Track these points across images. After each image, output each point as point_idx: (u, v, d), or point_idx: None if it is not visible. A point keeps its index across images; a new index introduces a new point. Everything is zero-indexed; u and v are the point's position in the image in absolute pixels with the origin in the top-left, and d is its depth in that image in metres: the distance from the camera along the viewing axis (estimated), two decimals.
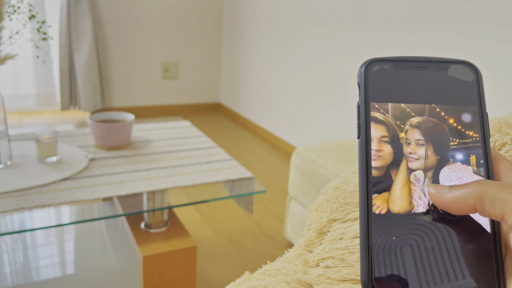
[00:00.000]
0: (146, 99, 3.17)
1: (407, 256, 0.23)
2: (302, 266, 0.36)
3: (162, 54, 3.12)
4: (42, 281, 1.25)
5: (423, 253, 0.23)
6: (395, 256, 0.23)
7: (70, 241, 1.49)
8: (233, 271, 1.43)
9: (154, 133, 1.37)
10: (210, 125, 3.04)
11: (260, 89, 2.85)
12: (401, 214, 0.24)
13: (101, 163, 1.11)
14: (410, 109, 0.26)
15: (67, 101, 2.86)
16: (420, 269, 0.22)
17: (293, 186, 1.49)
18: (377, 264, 0.22)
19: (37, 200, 0.90)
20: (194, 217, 1.75)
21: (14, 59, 1.05)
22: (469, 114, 0.25)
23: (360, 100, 0.26)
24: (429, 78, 0.26)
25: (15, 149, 1.14)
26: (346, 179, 0.41)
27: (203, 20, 3.19)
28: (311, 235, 0.38)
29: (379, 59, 0.27)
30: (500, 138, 0.33)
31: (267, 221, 1.76)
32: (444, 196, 0.23)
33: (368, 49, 1.93)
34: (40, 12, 2.68)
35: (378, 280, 0.22)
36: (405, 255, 0.23)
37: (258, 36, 2.81)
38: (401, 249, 0.23)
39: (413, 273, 0.22)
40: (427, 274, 0.22)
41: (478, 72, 0.26)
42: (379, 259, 0.23)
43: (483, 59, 1.45)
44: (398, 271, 0.22)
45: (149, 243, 1.06)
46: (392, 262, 0.22)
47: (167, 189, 1.02)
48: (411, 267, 0.22)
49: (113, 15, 2.90)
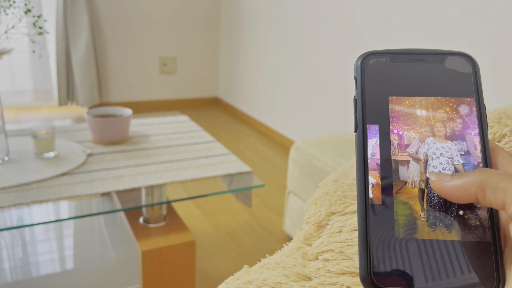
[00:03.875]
0: (143, 94, 3.16)
1: (406, 250, 0.22)
2: (301, 259, 0.36)
3: (160, 48, 3.11)
4: (41, 277, 1.25)
5: (422, 247, 0.22)
6: (394, 250, 0.22)
7: (69, 236, 1.49)
8: (232, 265, 1.43)
9: (152, 128, 1.36)
10: (208, 120, 3.03)
11: (259, 83, 2.84)
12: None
13: (99, 158, 1.10)
14: (408, 102, 0.26)
15: (64, 96, 2.84)
16: (419, 264, 0.22)
17: (291, 180, 1.49)
18: (375, 258, 0.22)
19: (35, 196, 0.90)
20: (193, 211, 1.75)
21: (10, 54, 1.05)
22: (466, 106, 0.25)
23: (357, 94, 0.26)
24: (426, 70, 0.26)
25: (13, 144, 1.14)
26: (345, 172, 0.40)
27: (200, 14, 3.18)
28: (310, 229, 0.38)
29: (375, 52, 0.27)
30: (499, 129, 0.33)
31: (266, 215, 1.76)
32: (445, 183, 0.23)
33: (366, 42, 1.92)
34: (36, 6, 2.66)
35: (376, 274, 0.22)
36: (403, 249, 0.23)
37: (256, 30, 2.80)
38: (399, 243, 0.23)
39: (412, 268, 0.22)
40: (426, 268, 0.22)
41: (475, 64, 0.26)
42: (378, 254, 0.22)
43: (481, 51, 1.45)
44: (396, 265, 0.22)
45: (148, 238, 1.06)
46: (390, 257, 0.22)
47: (165, 184, 1.01)
48: (410, 261, 0.22)
49: (110, 10, 2.88)
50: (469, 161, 0.24)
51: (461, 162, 0.24)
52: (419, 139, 0.25)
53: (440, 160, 0.24)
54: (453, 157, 0.24)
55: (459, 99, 0.25)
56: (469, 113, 0.25)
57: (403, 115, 0.25)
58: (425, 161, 0.25)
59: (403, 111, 0.25)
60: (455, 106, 0.25)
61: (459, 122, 0.25)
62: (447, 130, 0.25)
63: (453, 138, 0.25)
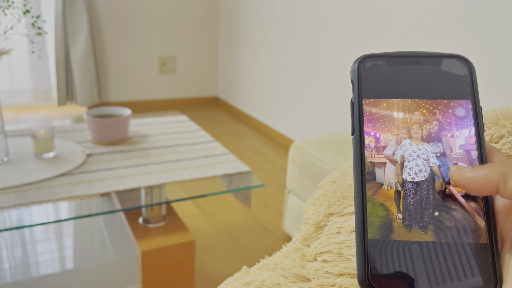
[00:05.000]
0: (143, 94, 3.16)
1: (403, 253, 0.23)
2: (299, 260, 0.36)
3: (159, 48, 3.11)
4: (41, 277, 1.26)
5: (420, 249, 0.23)
6: (391, 253, 0.23)
7: (68, 236, 1.49)
8: (232, 265, 1.43)
9: (152, 127, 1.36)
10: (207, 119, 3.03)
11: (258, 83, 2.84)
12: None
13: (98, 158, 1.10)
14: (404, 105, 0.26)
15: (63, 96, 2.84)
16: (417, 266, 0.22)
17: (291, 179, 1.49)
18: (373, 260, 0.22)
19: (34, 196, 0.90)
20: (192, 211, 1.75)
21: (9, 54, 1.05)
22: (463, 108, 0.25)
23: (354, 97, 0.26)
24: (423, 73, 0.26)
25: (12, 145, 1.14)
26: (343, 173, 0.41)
27: (200, 13, 3.17)
28: (309, 229, 0.38)
29: (372, 55, 0.27)
30: (497, 130, 0.33)
31: (265, 215, 1.76)
32: (467, 174, 0.22)
33: (366, 42, 1.92)
34: (35, 7, 2.65)
35: (374, 276, 0.22)
36: (401, 251, 0.23)
37: (255, 29, 2.80)
38: (397, 246, 0.23)
39: (410, 270, 0.22)
40: (424, 271, 0.22)
41: (471, 66, 0.26)
42: (375, 256, 0.23)
43: (478, 52, 1.45)
44: (394, 267, 0.22)
45: (147, 238, 1.06)
46: (388, 259, 0.22)
47: (165, 184, 1.01)
48: (407, 263, 0.22)
49: (109, 9, 2.88)
50: (445, 163, 0.24)
51: (437, 163, 0.25)
52: (396, 141, 0.25)
53: (416, 162, 0.25)
54: (429, 159, 0.25)
55: (455, 101, 0.26)
56: (465, 115, 0.25)
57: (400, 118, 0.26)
58: (402, 163, 0.25)
59: (380, 114, 0.26)
60: (452, 108, 0.26)
61: (435, 124, 0.25)
62: (423, 132, 0.25)
63: (429, 140, 0.25)
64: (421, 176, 0.24)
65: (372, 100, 0.26)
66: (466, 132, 0.25)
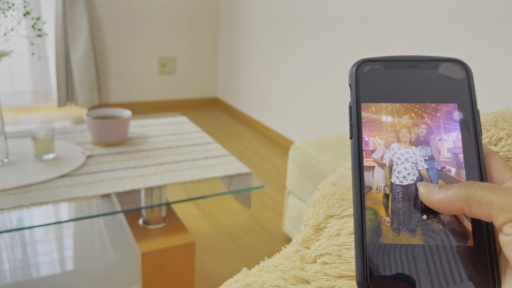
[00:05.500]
0: (143, 95, 3.16)
1: (402, 256, 0.23)
2: (299, 262, 0.37)
3: (159, 49, 3.11)
4: (41, 278, 1.26)
5: (418, 252, 0.23)
6: (390, 256, 0.23)
7: (69, 237, 1.50)
8: (232, 266, 1.43)
9: (152, 129, 1.36)
10: (207, 121, 3.03)
11: (258, 84, 2.84)
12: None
13: (98, 159, 1.10)
14: (402, 109, 0.26)
15: (63, 97, 2.84)
16: (415, 269, 0.22)
17: (291, 180, 1.49)
18: (372, 264, 0.23)
19: (34, 198, 0.90)
20: (193, 212, 1.75)
21: (10, 56, 1.05)
22: (460, 112, 0.25)
23: (352, 101, 0.26)
24: (420, 77, 0.26)
25: (12, 146, 1.14)
26: (343, 175, 0.41)
27: (200, 14, 3.18)
28: (308, 231, 0.38)
29: (370, 60, 0.27)
30: (496, 133, 0.33)
31: (265, 216, 1.76)
32: (433, 196, 0.23)
33: (366, 44, 1.92)
34: (35, 8, 2.66)
35: (373, 279, 0.22)
36: (399, 254, 0.23)
37: (255, 30, 2.80)
38: (395, 249, 0.23)
39: (409, 273, 0.22)
40: (422, 274, 0.22)
41: (469, 70, 0.26)
42: (374, 259, 0.23)
43: (475, 55, 1.45)
44: (392, 270, 0.22)
45: (147, 239, 1.06)
46: (386, 262, 0.23)
47: (165, 185, 1.02)
48: (406, 266, 0.22)
49: (109, 10, 2.88)
50: (433, 166, 0.25)
51: (425, 167, 0.25)
52: (384, 144, 0.25)
53: (404, 166, 0.25)
54: (417, 162, 0.25)
55: (453, 105, 0.26)
56: (462, 119, 0.25)
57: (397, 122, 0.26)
58: (390, 166, 0.25)
59: (378, 118, 0.26)
60: (449, 112, 0.26)
61: (423, 128, 0.25)
62: (411, 135, 0.25)
63: (418, 144, 0.25)
64: (409, 179, 0.24)
65: (370, 104, 0.26)
66: (467, 134, 0.25)
